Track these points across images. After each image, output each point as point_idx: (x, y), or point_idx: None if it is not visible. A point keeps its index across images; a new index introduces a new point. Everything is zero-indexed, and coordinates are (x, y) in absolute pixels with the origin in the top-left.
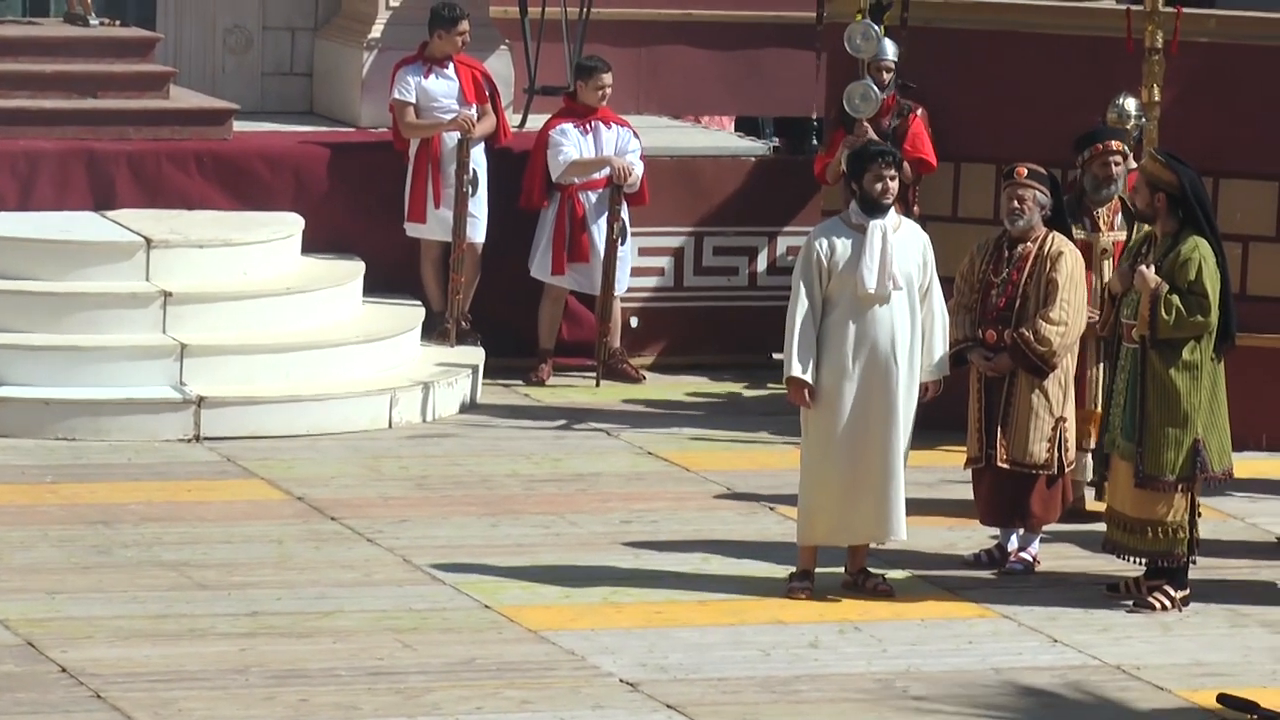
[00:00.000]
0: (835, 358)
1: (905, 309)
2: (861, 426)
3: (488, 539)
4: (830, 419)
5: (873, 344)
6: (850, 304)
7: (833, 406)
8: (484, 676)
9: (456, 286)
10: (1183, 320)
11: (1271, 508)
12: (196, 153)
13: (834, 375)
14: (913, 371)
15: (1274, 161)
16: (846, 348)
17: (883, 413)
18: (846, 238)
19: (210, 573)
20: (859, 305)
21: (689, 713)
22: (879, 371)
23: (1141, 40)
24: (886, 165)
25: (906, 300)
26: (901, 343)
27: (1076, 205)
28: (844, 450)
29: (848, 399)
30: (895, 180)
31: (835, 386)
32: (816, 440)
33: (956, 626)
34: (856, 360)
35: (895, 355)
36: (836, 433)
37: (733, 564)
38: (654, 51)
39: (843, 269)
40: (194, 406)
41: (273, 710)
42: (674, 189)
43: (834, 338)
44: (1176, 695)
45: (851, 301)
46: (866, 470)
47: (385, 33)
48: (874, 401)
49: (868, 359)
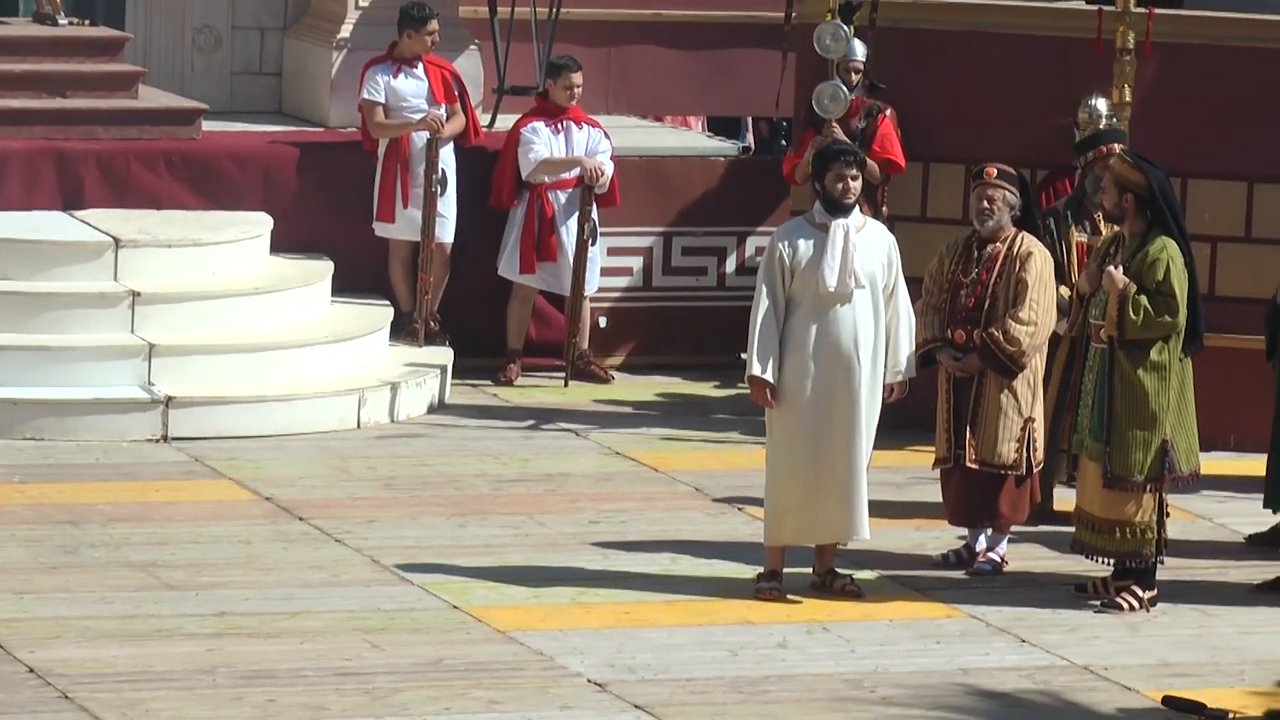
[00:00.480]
0: (798, 357)
1: (868, 309)
2: (824, 426)
3: (456, 539)
4: (793, 419)
5: (835, 343)
6: (813, 303)
7: (795, 406)
8: (452, 677)
9: (425, 286)
10: (1151, 321)
11: (1239, 508)
12: (165, 152)
13: (796, 375)
14: (876, 372)
15: (1243, 162)
16: (809, 347)
17: (845, 412)
18: (809, 237)
19: (178, 573)
20: (821, 305)
21: (657, 713)
22: (841, 371)
23: (1111, 41)
24: (848, 165)
25: (870, 300)
26: (864, 342)
27: (1076, 207)
28: (807, 450)
29: (810, 399)
30: (858, 180)
31: (798, 386)
32: (780, 440)
33: (924, 627)
34: (819, 360)
35: (858, 355)
36: (800, 433)
37: (701, 564)
38: (624, 51)
39: (805, 268)
40: (162, 406)
41: (240, 710)
42: (643, 189)
43: (796, 337)
44: (1144, 695)
45: (814, 301)
46: (830, 470)
47: (354, 32)
48: (836, 401)
49: (830, 358)
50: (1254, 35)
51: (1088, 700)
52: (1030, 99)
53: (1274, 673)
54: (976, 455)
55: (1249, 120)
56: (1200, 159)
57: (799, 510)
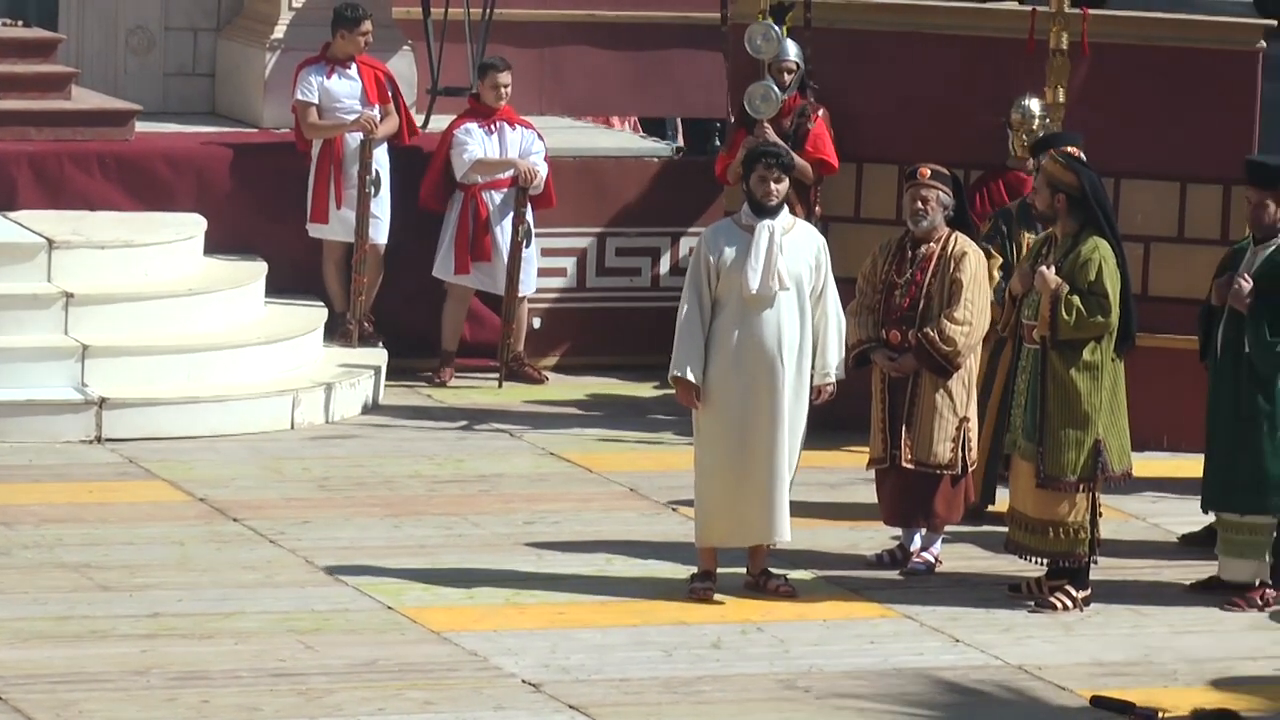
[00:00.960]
0: (722, 359)
1: (794, 311)
2: (746, 428)
3: (390, 540)
4: (717, 420)
5: (759, 345)
6: (737, 305)
7: (719, 407)
8: (386, 677)
9: (359, 287)
10: (1083, 321)
11: (1173, 508)
12: (99, 153)
13: (720, 376)
14: (801, 374)
15: (1176, 163)
16: (733, 349)
17: (767, 415)
18: (736, 239)
19: (112, 574)
20: (745, 307)
21: (591, 713)
22: (764, 373)
23: (1044, 41)
24: (769, 167)
25: (795, 302)
26: (789, 345)
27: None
28: (730, 451)
29: (733, 400)
30: (782, 183)
31: (721, 387)
32: (706, 441)
33: (859, 627)
34: (742, 361)
35: (781, 357)
36: (723, 434)
37: (636, 565)
38: (557, 52)
39: (730, 270)
40: (95, 408)
41: (174, 711)
42: (577, 190)
43: (721, 339)
44: (1078, 695)
45: (738, 303)
46: (751, 472)
47: (288, 33)
48: (759, 403)
49: (753, 360)
50: (1186, 35)
51: (1021, 700)
52: (964, 99)
53: (1207, 672)
54: (912, 455)
55: (1181, 120)
56: (1133, 159)
57: (723, 511)
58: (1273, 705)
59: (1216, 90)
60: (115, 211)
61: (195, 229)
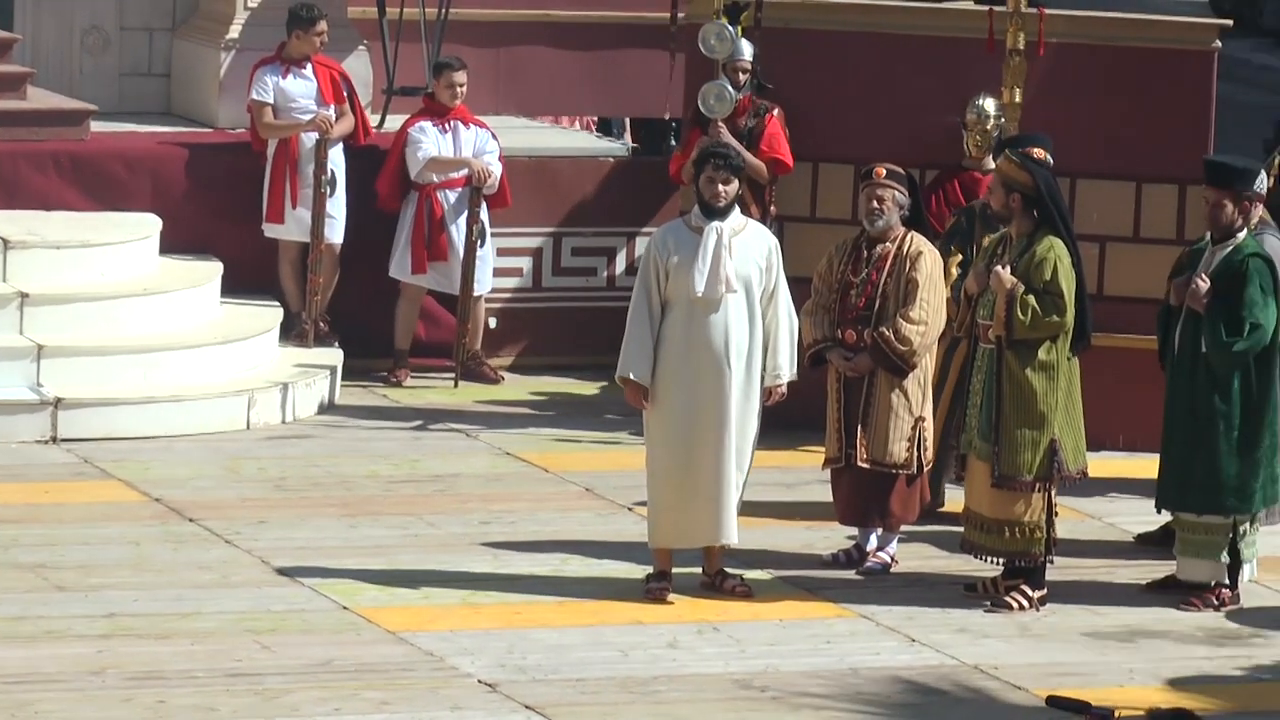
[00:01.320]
0: (670, 359)
1: (742, 312)
2: (694, 429)
3: (346, 540)
4: (665, 421)
5: (706, 347)
6: (685, 306)
7: (667, 408)
8: (342, 678)
9: (315, 287)
10: (1039, 320)
11: (1129, 507)
12: (54, 153)
13: (668, 377)
14: (750, 376)
15: (1132, 162)
16: (681, 350)
17: (714, 416)
18: (685, 240)
19: (67, 574)
20: (693, 308)
21: (548, 713)
22: (712, 374)
23: (1002, 41)
24: (717, 169)
25: (744, 303)
26: (736, 347)
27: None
28: (678, 452)
29: (681, 401)
30: (730, 184)
31: (670, 388)
32: (656, 442)
33: (815, 626)
34: (690, 363)
35: (729, 359)
36: (671, 435)
37: (592, 564)
38: (512, 52)
39: (678, 271)
40: (51, 408)
41: (130, 712)
42: (532, 190)
43: (670, 339)
44: (1034, 695)
45: (686, 304)
46: (699, 473)
47: (243, 33)
48: (707, 404)
49: (701, 362)
50: (1142, 35)
51: (978, 700)
52: (920, 99)
53: (1163, 672)
54: (868, 454)
55: (1137, 120)
56: (1089, 159)
57: (672, 512)
58: (1228, 705)
59: (1172, 90)
60: (71, 211)
61: (151, 229)
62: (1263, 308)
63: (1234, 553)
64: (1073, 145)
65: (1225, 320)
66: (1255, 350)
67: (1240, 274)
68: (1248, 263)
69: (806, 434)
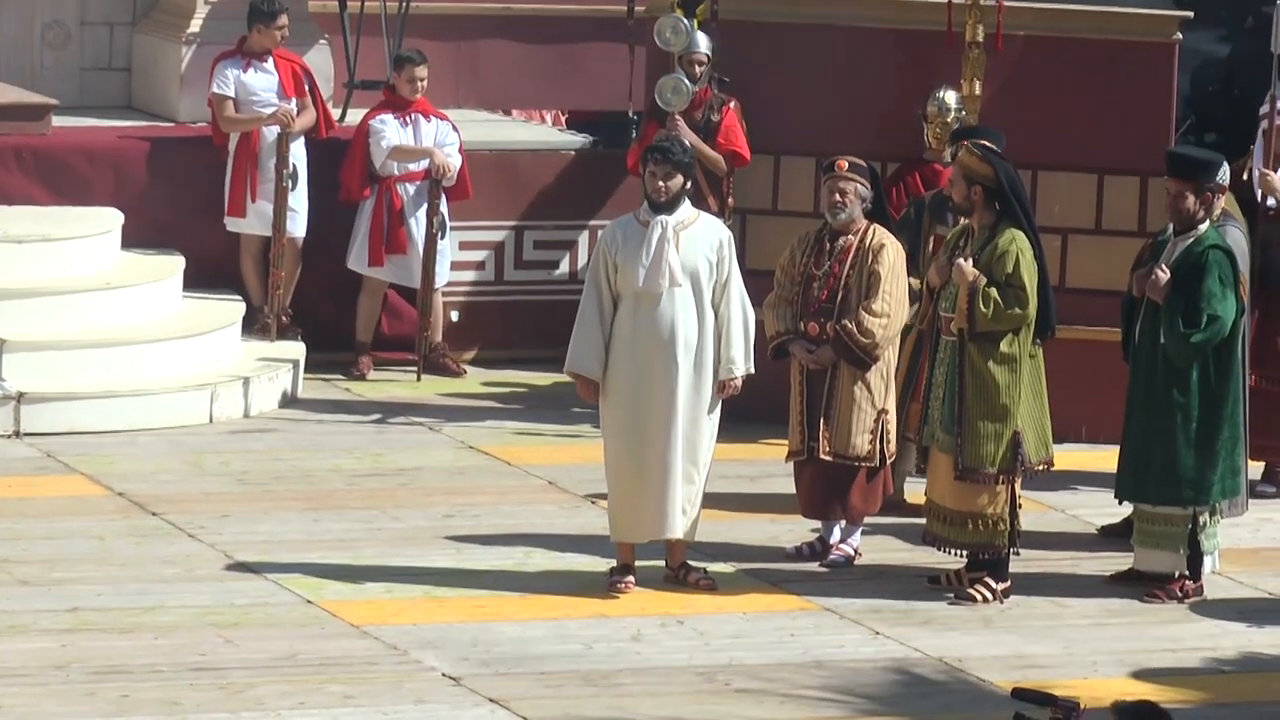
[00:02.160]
0: (620, 353)
1: (690, 306)
2: (644, 423)
3: (309, 534)
4: (616, 415)
5: (653, 340)
6: (632, 300)
7: (617, 403)
8: (306, 671)
9: (277, 281)
10: (1001, 313)
11: (1092, 499)
12: (15, 148)
13: (618, 370)
14: (700, 369)
15: (1093, 154)
16: (629, 343)
17: (663, 410)
18: (634, 234)
19: (31, 569)
20: (640, 301)
21: (511, 706)
22: (659, 368)
23: (961, 33)
24: (658, 163)
25: (692, 297)
26: (684, 340)
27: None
28: (629, 447)
29: (630, 395)
30: (672, 179)
31: (620, 381)
32: (609, 436)
33: (778, 619)
34: (637, 356)
35: (676, 352)
36: (621, 428)
37: (555, 558)
38: (474, 46)
39: (624, 265)
40: (14, 402)
41: (94, 706)
42: (494, 183)
43: (620, 333)
44: (998, 687)
45: (633, 297)
46: (648, 467)
47: (204, 27)
48: (655, 398)
49: (647, 355)
50: (1103, 27)
51: (942, 692)
52: (880, 92)
53: (1127, 664)
54: (830, 447)
55: (1099, 112)
56: (1050, 151)
57: (627, 506)
58: (1192, 696)
59: (1133, 82)
60: (32, 206)
61: (112, 223)
62: (1221, 300)
63: (1194, 544)
64: (1035, 137)
65: (1184, 312)
66: (1213, 342)
67: (1200, 266)
68: (1208, 254)
69: (769, 427)
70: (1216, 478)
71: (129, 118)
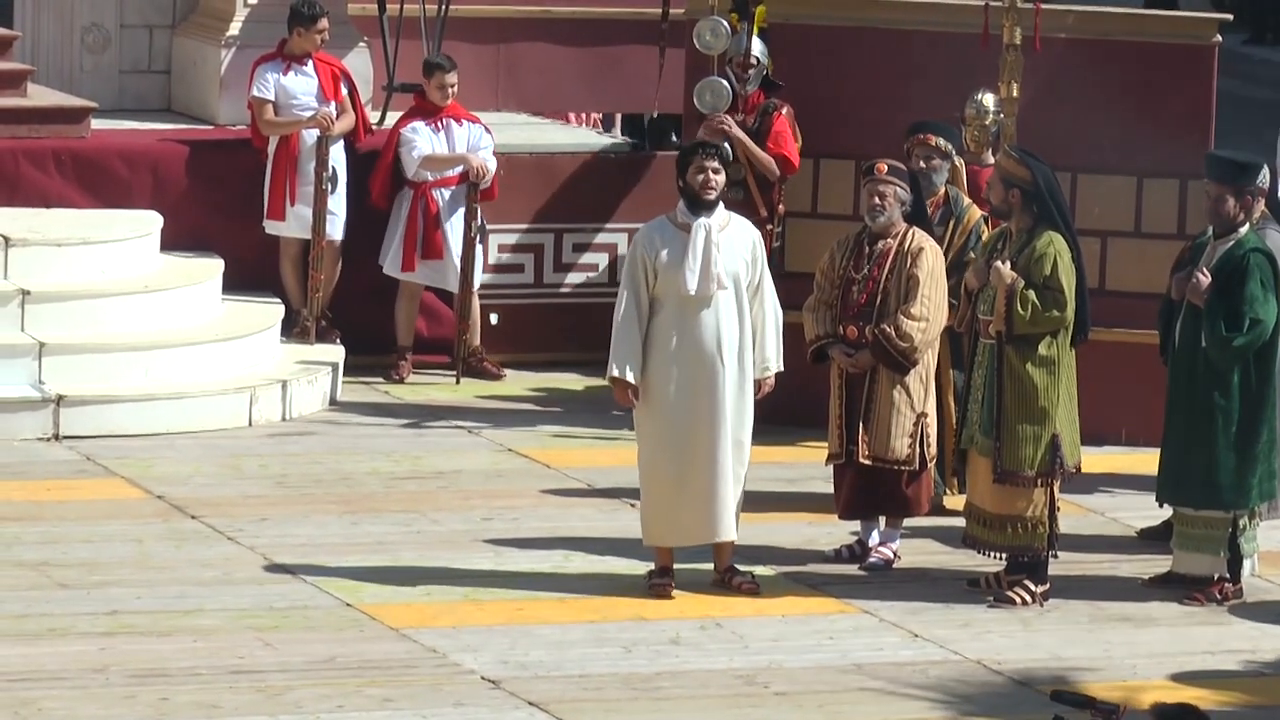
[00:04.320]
0: (661, 358)
1: (732, 308)
2: (688, 427)
3: (348, 537)
4: (657, 420)
5: (698, 345)
6: (675, 304)
7: (659, 408)
8: (345, 675)
9: (316, 284)
10: (1039, 316)
11: (1131, 502)
12: (55, 151)
13: (660, 376)
14: (743, 371)
15: (1132, 157)
16: (672, 348)
17: (709, 414)
18: (672, 237)
19: (70, 572)
20: (684, 306)
21: (551, 710)
22: (705, 372)
23: (998, 36)
24: (708, 157)
25: (734, 299)
26: (729, 343)
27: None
28: (672, 451)
29: (673, 399)
30: (720, 174)
31: (661, 387)
32: (647, 441)
33: (817, 622)
34: (682, 360)
35: (722, 356)
36: (664, 434)
37: (594, 561)
38: (512, 49)
39: (667, 270)
40: (53, 405)
41: (133, 709)
42: (533, 186)
43: (660, 338)
44: (1037, 690)
45: (676, 302)
46: (695, 472)
47: (244, 30)
48: (700, 402)
49: (694, 360)
50: (1142, 30)
51: (981, 695)
52: (919, 94)
53: (1166, 667)
54: (870, 451)
55: (1138, 115)
56: (1090, 154)
57: (665, 511)
58: (1232, 699)
59: (1173, 85)
60: (72, 209)
61: (152, 226)
62: (1263, 303)
63: (1234, 547)
64: (1074, 140)
65: (1225, 315)
66: (1255, 346)
67: (1241, 269)
68: (1249, 258)
69: (808, 430)
70: (1255, 481)
71: (168, 121)
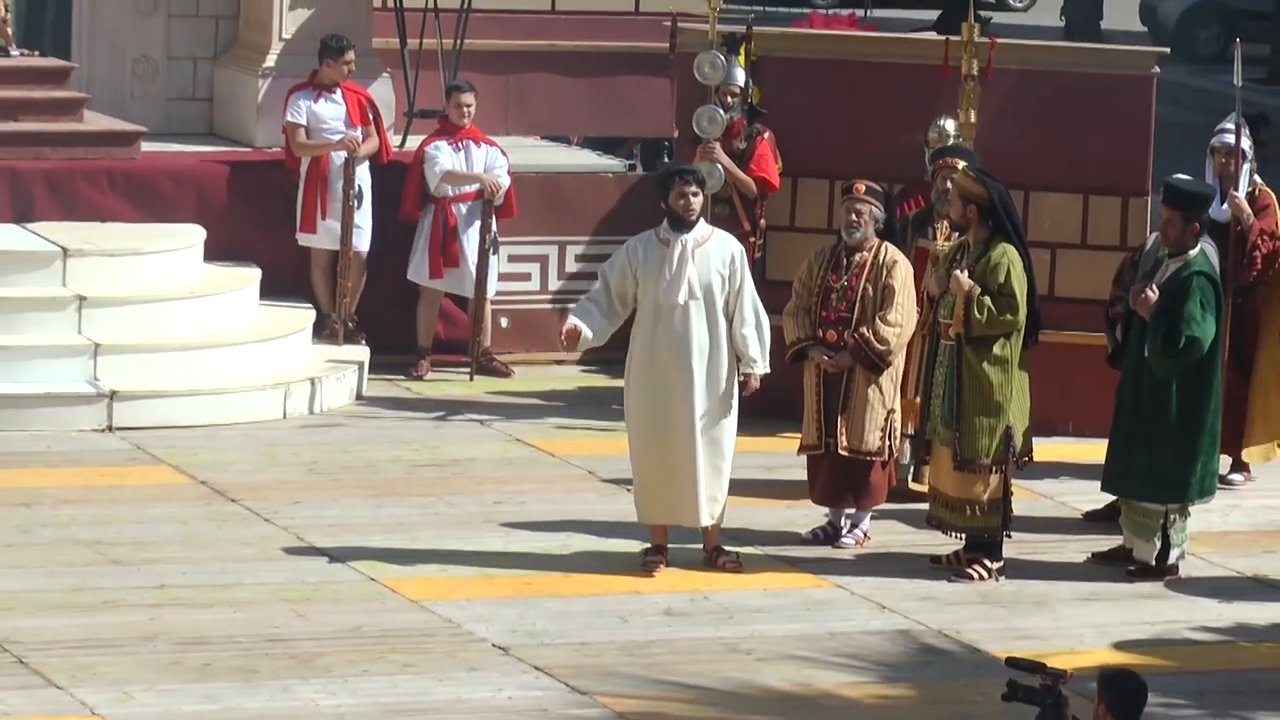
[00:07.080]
0: (640, 356)
1: (702, 317)
2: (664, 423)
3: (373, 518)
4: (640, 414)
5: (671, 348)
6: (653, 309)
7: (641, 402)
8: (370, 642)
9: (344, 290)
10: (994, 319)
11: (1078, 487)
12: (108, 171)
13: (640, 372)
14: (715, 374)
15: (1079, 177)
16: (650, 348)
17: (683, 413)
18: (654, 250)
19: (122, 550)
20: (659, 311)
21: (555, 674)
22: (678, 374)
23: (958, 67)
24: (686, 182)
25: (704, 308)
26: (698, 349)
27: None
28: (654, 443)
29: (652, 397)
30: (698, 197)
31: (641, 384)
32: (633, 431)
33: (795, 596)
34: (658, 361)
35: (692, 360)
36: (644, 429)
37: (594, 540)
38: (521, 79)
39: (647, 277)
40: (106, 400)
41: (179, 674)
42: (540, 203)
43: (640, 338)
44: (993, 655)
45: (654, 307)
46: (672, 464)
47: (279, 61)
48: (674, 402)
49: (667, 361)
50: (1088, 62)
51: (942, 661)
52: (887, 120)
53: (1110, 636)
54: (847, 443)
55: (1084, 139)
56: (1041, 173)
57: (652, 493)
58: (1170, 664)
59: (1115, 112)
60: (124, 223)
61: (196, 238)
62: (1199, 323)
63: (1164, 536)
64: (1026, 161)
65: (1166, 330)
66: (1189, 361)
67: (1185, 290)
68: (1192, 279)
69: (786, 423)
70: (1195, 480)
71: (210, 143)
